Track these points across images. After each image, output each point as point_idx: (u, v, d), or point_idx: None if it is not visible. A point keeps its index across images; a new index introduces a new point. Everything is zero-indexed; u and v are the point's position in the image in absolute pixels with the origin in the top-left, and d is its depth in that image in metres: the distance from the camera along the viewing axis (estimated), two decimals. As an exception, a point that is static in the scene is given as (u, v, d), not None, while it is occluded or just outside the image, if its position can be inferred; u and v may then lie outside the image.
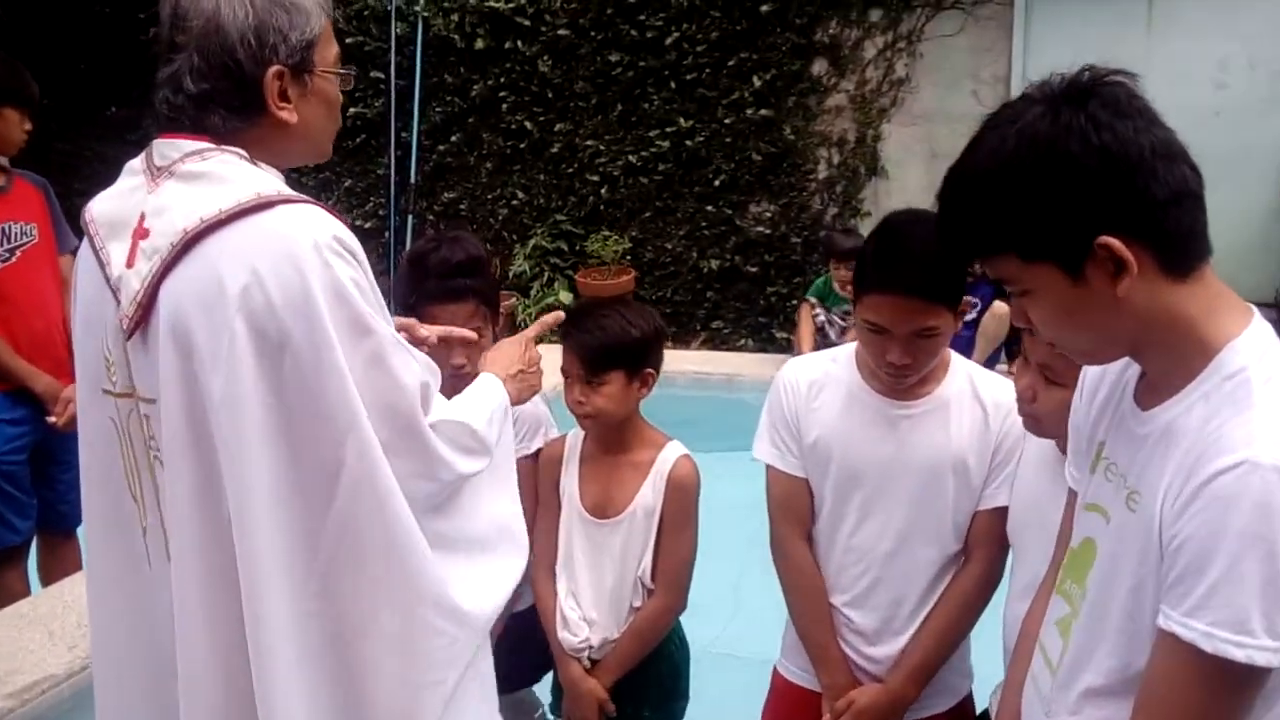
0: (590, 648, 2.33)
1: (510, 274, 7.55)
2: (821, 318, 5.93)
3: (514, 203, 7.72)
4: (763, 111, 7.04)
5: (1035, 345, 1.66)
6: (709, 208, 7.29)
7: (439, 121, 7.74)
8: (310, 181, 7.83)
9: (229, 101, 1.47)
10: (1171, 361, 1.24)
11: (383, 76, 7.69)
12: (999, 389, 2.02)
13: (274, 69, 1.47)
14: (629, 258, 7.49)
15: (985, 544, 2.02)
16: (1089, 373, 1.45)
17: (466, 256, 2.37)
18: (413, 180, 7.72)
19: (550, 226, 7.62)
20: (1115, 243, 1.15)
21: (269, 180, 1.46)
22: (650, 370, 2.31)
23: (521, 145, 7.62)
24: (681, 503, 2.29)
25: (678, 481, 2.28)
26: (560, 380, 2.33)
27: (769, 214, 7.24)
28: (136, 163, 1.52)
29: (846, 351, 2.10)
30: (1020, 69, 6.47)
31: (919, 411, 2.01)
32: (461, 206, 7.86)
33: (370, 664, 1.49)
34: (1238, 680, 1.12)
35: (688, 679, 2.46)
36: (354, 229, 1.51)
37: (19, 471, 3.40)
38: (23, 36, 7.54)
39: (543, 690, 2.65)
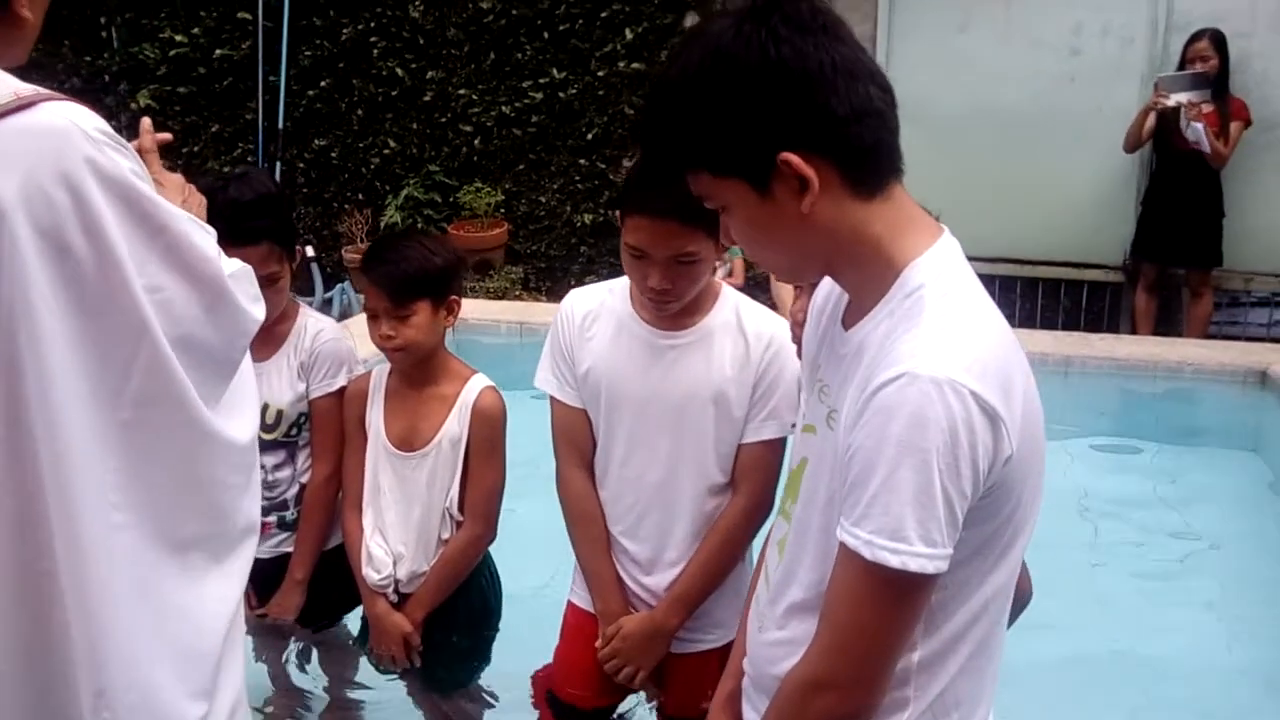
0: (396, 581, 2.33)
1: (382, 225, 7.41)
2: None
3: (386, 152, 7.56)
4: (635, 65, 7.01)
5: None
6: (582, 161, 7.25)
7: (308, 66, 7.52)
8: (176, 125, 7.53)
9: None
10: (863, 280, 1.25)
11: (249, 17, 7.43)
12: (763, 321, 2.04)
13: None
14: (503, 210, 7.41)
15: (750, 477, 2.03)
16: (816, 299, 1.45)
17: (256, 195, 2.28)
18: (280, 126, 7.50)
19: (423, 177, 7.49)
20: (795, 159, 1.15)
21: (16, 80, 1.37)
22: (455, 298, 2.30)
23: (393, 93, 7.46)
24: (487, 432, 2.29)
25: (483, 412, 2.29)
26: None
27: (642, 169, 7.22)
28: None
29: (624, 283, 2.09)
30: (885, 29, 6.55)
31: (684, 342, 2.02)
32: (333, 154, 7.67)
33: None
34: (902, 588, 1.15)
35: (499, 611, 2.48)
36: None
37: None
38: None
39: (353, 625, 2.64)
